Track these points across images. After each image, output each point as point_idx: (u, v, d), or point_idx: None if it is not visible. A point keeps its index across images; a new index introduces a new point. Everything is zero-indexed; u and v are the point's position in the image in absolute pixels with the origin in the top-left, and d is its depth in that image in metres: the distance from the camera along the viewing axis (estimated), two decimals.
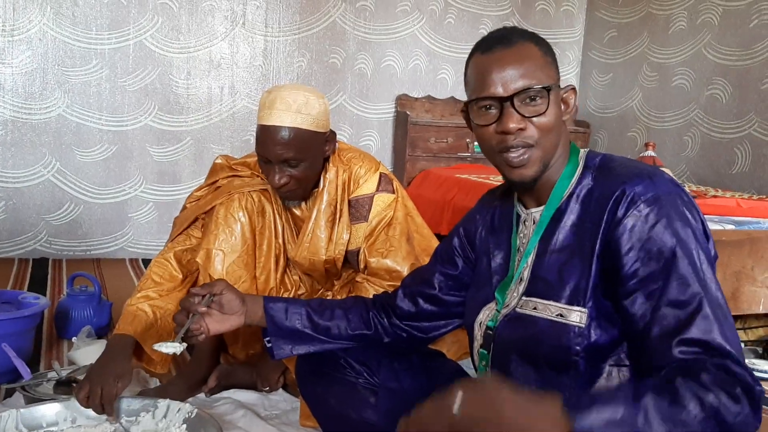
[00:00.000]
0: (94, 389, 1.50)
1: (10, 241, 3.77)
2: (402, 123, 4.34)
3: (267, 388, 2.02)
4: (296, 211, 2.00)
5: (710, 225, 2.53)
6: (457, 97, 4.51)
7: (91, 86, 3.79)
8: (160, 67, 3.91)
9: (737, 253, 2.50)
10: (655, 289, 1.03)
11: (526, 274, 1.20)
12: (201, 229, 2.01)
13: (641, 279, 1.04)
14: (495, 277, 1.27)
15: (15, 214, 3.75)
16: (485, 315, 1.26)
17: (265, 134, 1.80)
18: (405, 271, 1.88)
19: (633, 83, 4.47)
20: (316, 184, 1.95)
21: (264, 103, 1.82)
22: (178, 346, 1.33)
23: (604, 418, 0.85)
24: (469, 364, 1.35)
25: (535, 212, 1.23)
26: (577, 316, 1.11)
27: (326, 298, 1.99)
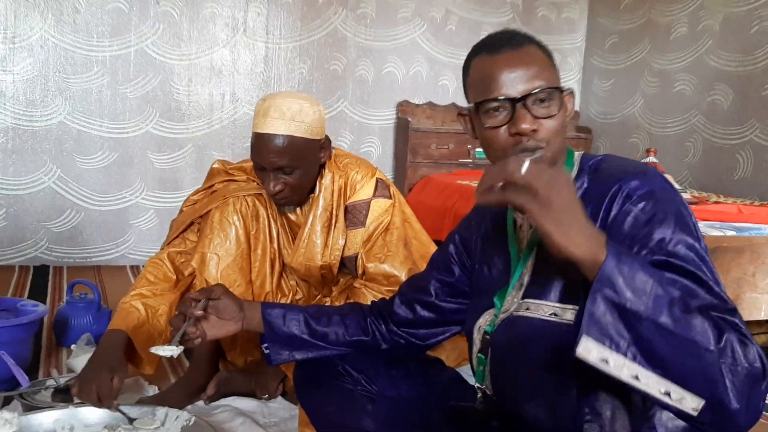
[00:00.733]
0: (89, 383, 1.51)
1: (11, 249, 3.76)
2: (403, 129, 4.34)
3: (266, 396, 2.01)
4: (291, 216, 2.00)
5: (711, 231, 2.55)
6: (458, 103, 4.51)
7: (92, 93, 3.80)
8: (162, 74, 3.91)
9: (738, 260, 2.48)
10: None
11: (525, 279, 1.20)
12: (197, 232, 2.02)
13: None
14: (496, 284, 1.27)
15: (16, 222, 3.75)
16: (484, 320, 1.26)
17: (259, 142, 1.81)
18: (403, 276, 1.88)
19: (634, 89, 4.47)
20: (312, 190, 1.95)
21: (258, 110, 1.83)
22: (175, 350, 1.32)
23: (631, 275, 0.89)
24: (468, 371, 1.34)
25: None
26: (572, 314, 1.10)
27: (324, 304, 1.99)
